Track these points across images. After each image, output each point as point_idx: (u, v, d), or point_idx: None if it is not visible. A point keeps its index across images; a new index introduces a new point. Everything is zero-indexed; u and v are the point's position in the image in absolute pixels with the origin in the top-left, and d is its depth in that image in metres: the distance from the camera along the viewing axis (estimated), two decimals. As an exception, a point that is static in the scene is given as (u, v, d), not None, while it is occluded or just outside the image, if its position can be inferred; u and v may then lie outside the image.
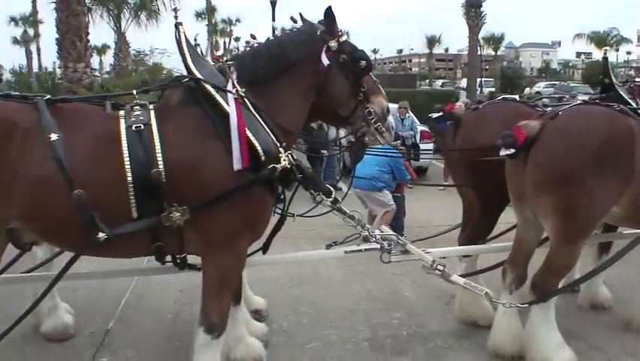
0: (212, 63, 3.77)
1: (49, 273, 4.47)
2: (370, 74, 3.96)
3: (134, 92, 3.66)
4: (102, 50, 57.84)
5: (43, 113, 3.37)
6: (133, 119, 3.40)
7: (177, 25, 3.67)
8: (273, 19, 25.24)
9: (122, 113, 3.50)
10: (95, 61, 24.58)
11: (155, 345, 4.90)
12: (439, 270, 4.26)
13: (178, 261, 3.79)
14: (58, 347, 4.87)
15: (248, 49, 3.89)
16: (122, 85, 18.25)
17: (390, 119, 4.06)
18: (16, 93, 3.80)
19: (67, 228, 3.38)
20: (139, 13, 29.37)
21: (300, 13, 3.96)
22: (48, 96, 3.63)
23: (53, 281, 3.68)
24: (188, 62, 3.59)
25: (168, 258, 3.80)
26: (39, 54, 60.94)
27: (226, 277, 3.68)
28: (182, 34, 3.66)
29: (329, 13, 3.76)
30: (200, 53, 3.91)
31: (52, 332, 4.97)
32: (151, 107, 3.54)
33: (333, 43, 3.75)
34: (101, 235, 3.22)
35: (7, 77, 42.96)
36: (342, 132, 11.57)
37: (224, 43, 65.84)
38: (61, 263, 4.10)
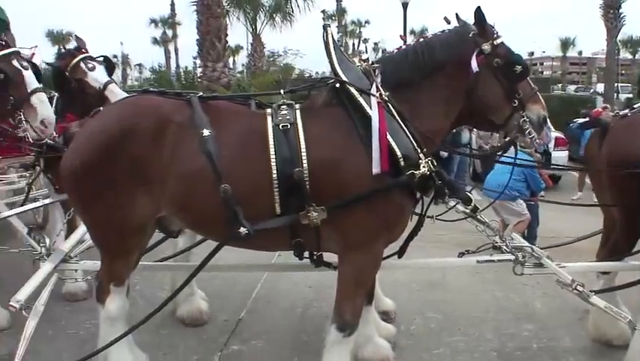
0: (358, 65, 3.76)
1: (190, 263, 4.71)
2: (528, 79, 3.75)
3: (281, 91, 3.75)
4: (235, 50, 59.99)
5: (196, 110, 3.54)
6: (280, 118, 3.49)
7: (325, 27, 3.71)
8: (405, 21, 24.92)
9: (269, 111, 3.61)
10: (229, 61, 25.52)
11: (284, 338, 5.02)
12: (578, 290, 4.10)
13: (315, 258, 3.86)
14: (192, 332, 5.08)
15: (395, 51, 3.82)
16: (257, 84, 18.85)
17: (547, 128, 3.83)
18: (171, 90, 4.04)
19: (213, 220, 3.53)
20: (274, 15, 30.17)
21: (457, 14, 3.82)
22: (200, 93, 3.82)
23: (195, 270, 3.81)
24: (335, 63, 3.61)
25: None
26: (177, 54, 64.45)
27: (361, 276, 3.70)
28: (329, 36, 3.69)
29: (478, 13, 3.61)
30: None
31: (187, 317, 5.21)
32: (297, 106, 3.62)
33: (486, 47, 3.60)
34: (242, 229, 3.33)
35: (147, 75, 45.60)
36: (474, 136, 11.48)
37: (354, 44, 66.45)
38: (200, 252, 4.30)
